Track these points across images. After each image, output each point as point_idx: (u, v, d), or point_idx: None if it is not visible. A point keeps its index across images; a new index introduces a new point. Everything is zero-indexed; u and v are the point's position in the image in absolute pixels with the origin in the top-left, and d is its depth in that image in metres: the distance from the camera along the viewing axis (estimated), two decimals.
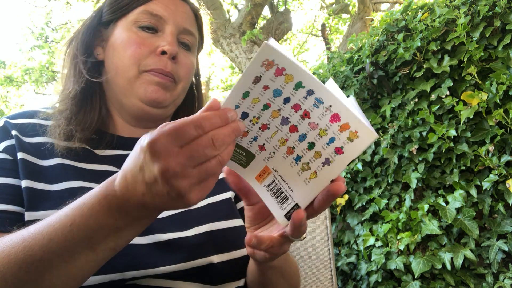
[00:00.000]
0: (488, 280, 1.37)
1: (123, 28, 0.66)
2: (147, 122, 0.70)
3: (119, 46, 0.65)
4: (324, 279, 0.93)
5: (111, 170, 0.63)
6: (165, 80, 0.66)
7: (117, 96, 0.68)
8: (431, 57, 1.62)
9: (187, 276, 0.57)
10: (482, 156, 1.41)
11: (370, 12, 4.43)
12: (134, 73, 0.65)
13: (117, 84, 0.66)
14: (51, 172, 0.60)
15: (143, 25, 0.66)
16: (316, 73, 2.24)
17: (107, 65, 0.68)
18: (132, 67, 0.64)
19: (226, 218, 0.64)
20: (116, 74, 0.66)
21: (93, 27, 0.69)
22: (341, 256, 1.76)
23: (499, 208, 1.38)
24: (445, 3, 1.62)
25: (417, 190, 1.65)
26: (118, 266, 0.53)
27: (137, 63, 0.64)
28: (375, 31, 1.95)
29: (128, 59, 0.64)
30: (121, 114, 0.70)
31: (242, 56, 4.95)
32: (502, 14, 1.43)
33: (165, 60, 0.66)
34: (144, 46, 0.65)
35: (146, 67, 0.65)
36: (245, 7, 5.04)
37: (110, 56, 0.67)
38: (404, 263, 1.49)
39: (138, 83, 0.65)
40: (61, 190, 0.58)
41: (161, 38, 0.67)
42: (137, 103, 0.66)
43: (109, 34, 0.68)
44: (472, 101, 1.45)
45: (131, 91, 0.65)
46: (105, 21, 0.69)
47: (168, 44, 0.65)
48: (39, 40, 7.25)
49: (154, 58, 0.65)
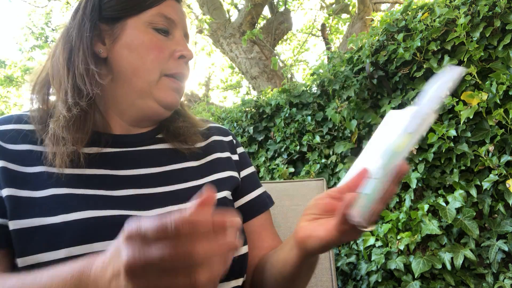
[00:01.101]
0: (488, 280, 1.37)
1: (138, 29, 0.65)
2: (148, 122, 0.71)
3: (139, 47, 0.64)
4: (324, 279, 0.93)
5: (100, 174, 0.61)
6: (180, 86, 0.69)
7: (127, 96, 0.66)
8: (431, 57, 1.62)
9: None
10: (482, 156, 1.41)
11: (370, 12, 4.43)
12: (156, 77, 0.65)
13: (134, 85, 0.65)
14: (36, 179, 0.58)
15: (159, 28, 0.66)
16: (316, 73, 2.24)
17: (119, 65, 0.65)
18: (155, 70, 0.65)
19: None
20: (135, 76, 0.65)
21: (92, 22, 0.65)
22: (341, 256, 1.76)
23: (499, 208, 1.38)
24: (445, 3, 1.62)
25: (417, 190, 1.65)
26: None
27: (159, 67, 0.65)
28: (375, 31, 1.95)
29: (151, 62, 0.64)
30: (122, 114, 0.69)
31: (242, 56, 4.95)
32: (502, 14, 1.43)
33: (183, 64, 0.68)
34: (165, 49, 0.66)
35: (167, 71, 0.66)
36: (245, 7, 5.04)
37: (125, 56, 0.65)
38: (404, 263, 1.49)
39: (158, 86, 0.66)
40: (47, 197, 0.56)
41: (174, 42, 0.68)
42: (153, 106, 0.66)
43: (118, 32, 0.65)
44: (472, 101, 1.45)
45: (149, 93, 0.65)
46: (110, 17, 0.66)
47: (186, 49, 0.68)
48: (39, 40, 7.26)
49: (174, 62, 0.67)
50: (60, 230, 0.53)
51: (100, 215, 0.55)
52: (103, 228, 0.54)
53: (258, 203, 0.78)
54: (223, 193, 0.69)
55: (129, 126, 0.70)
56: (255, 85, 4.95)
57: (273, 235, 0.79)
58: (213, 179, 0.70)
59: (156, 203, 0.61)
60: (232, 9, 6.40)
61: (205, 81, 9.94)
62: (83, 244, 0.52)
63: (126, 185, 0.62)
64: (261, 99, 2.54)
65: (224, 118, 2.84)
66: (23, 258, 0.52)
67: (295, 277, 0.62)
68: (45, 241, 0.52)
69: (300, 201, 1.04)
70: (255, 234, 0.76)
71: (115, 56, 0.65)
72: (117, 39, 0.65)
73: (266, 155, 2.34)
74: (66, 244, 0.52)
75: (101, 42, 0.66)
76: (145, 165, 0.67)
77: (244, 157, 0.82)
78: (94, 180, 0.60)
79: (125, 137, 0.69)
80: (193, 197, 0.37)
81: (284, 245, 0.64)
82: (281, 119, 2.28)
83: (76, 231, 0.53)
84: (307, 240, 0.53)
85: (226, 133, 0.83)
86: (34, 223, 0.53)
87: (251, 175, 0.80)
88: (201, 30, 5.38)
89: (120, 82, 0.66)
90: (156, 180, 0.65)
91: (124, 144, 0.68)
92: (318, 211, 0.54)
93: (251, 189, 0.78)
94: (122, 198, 0.60)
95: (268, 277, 0.68)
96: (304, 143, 2.11)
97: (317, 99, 2.20)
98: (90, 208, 0.55)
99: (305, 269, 0.60)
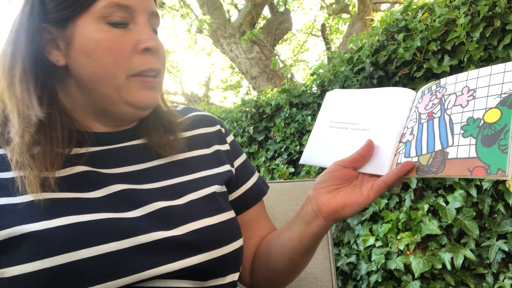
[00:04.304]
0: (488, 280, 1.37)
1: (90, 27, 0.56)
2: (127, 123, 0.67)
3: (95, 51, 0.56)
4: (324, 279, 0.93)
5: (81, 171, 0.57)
6: (154, 83, 0.61)
7: (97, 104, 0.61)
8: (431, 57, 1.62)
9: (175, 275, 0.55)
10: None
11: (370, 12, 4.43)
12: (122, 80, 0.57)
13: (101, 92, 0.58)
14: (12, 184, 0.54)
15: (114, 22, 0.57)
16: (316, 73, 2.24)
17: (80, 74, 0.58)
18: (118, 74, 0.57)
19: (212, 214, 0.61)
20: (98, 83, 0.57)
21: (35, 29, 0.57)
22: (341, 256, 1.76)
23: (499, 208, 1.38)
24: (445, 3, 1.62)
25: (417, 190, 1.65)
26: (99, 277, 0.50)
27: (122, 68, 0.57)
28: (375, 31, 1.95)
29: (112, 66, 0.56)
30: (99, 118, 0.64)
31: (242, 56, 4.95)
32: (502, 14, 1.43)
33: (150, 58, 0.60)
34: (124, 46, 0.57)
35: (133, 70, 0.58)
36: (245, 7, 5.05)
37: (83, 63, 0.57)
38: (404, 263, 1.49)
39: (127, 90, 0.58)
40: (28, 202, 0.52)
41: (136, 31, 0.59)
42: (127, 109, 0.60)
43: (70, 36, 0.57)
44: None
45: (119, 99, 0.59)
46: (58, 19, 0.57)
47: (150, 38, 0.59)
48: None
49: (138, 58, 0.58)
50: (43, 238, 0.49)
51: (84, 220, 0.52)
52: (89, 234, 0.51)
53: (255, 191, 0.77)
54: (213, 188, 0.65)
55: (106, 127, 0.65)
56: (255, 85, 4.96)
57: (269, 220, 0.79)
58: (201, 176, 0.67)
59: (142, 201, 0.58)
60: (232, 9, 6.40)
61: (205, 81, 9.95)
62: (69, 252, 0.49)
63: (110, 184, 0.58)
64: (261, 99, 2.55)
65: (224, 118, 2.84)
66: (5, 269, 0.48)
67: (311, 249, 0.64)
68: (28, 251, 0.49)
69: (300, 201, 1.04)
70: (254, 222, 0.76)
71: (73, 63, 0.58)
72: (71, 43, 0.57)
73: (266, 155, 2.34)
74: (50, 253, 0.49)
75: (56, 48, 0.58)
76: (129, 163, 0.63)
77: (234, 145, 0.78)
78: (76, 182, 0.56)
79: (106, 134, 0.64)
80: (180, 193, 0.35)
81: (292, 225, 0.66)
82: (281, 119, 2.28)
83: (61, 238, 0.50)
84: (342, 210, 0.57)
85: (213, 122, 0.76)
86: (16, 232, 0.49)
87: (244, 163, 0.78)
88: (201, 30, 5.38)
89: (86, 91, 0.60)
90: (141, 177, 0.62)
91: (105, 142, 0.63)
92: (337, 181, 0.59)
93: (246, 178, 0.76)
94: (106, 198, 0.56)
95: (277, 258, 0.68)
96: (304, 143, 2.11)
97: (317, 99, 2.21)
98: (74, 213, 0.52)
99: (321, 238, 0.64)
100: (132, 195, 0.59)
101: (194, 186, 0.64)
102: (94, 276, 0.49)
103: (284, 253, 0.66)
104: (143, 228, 0.55)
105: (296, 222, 0.64)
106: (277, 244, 0.68)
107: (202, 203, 0.62)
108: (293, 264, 0.67)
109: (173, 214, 0.59)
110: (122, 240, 0.52)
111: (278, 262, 0.68)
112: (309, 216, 0.61)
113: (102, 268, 0.50)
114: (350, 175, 0.59)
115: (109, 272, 0.50)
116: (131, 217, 0.56)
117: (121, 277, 0.51)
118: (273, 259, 0.69)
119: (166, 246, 0.55)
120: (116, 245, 0.52)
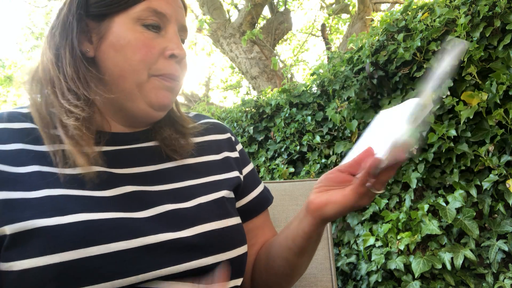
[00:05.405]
0: (488, 280, 1.37)
1: (125, 26, 0.60)
2: (142, 124, 0.69)
3: (125, 47, 0.60)
4: (324, 279, 0.93)
5: (96, 170, 0.59)
6: (173, 84, 0.64)
7: (117, 99, 0.63)
8: (431, 57, 1.62)
9: (180, 277, 0.56)
10: (482, 156, 1.41)
11: (370, 12, 4.43)
12: (144, 78, 0.61)
13: (122, 88, 0.61)
14: (29, 179, 0.55)
15: (148, 24, 0.61)
16: (316, 73, 2.24)
17: (106, 66, 0.62)
18: (142, 71, 0.60)
19: (219, 218, 0.63)
20: (122, 78, 0.61)
21: (77, 19, 0.61)
22: (341, 256, 1.76)
23: (499, 208, 1.38)
24: (445, 3, 1.62)
25: (417, 190, 1.65)
26: (106, 275, 0.50)
27: (147, 67, 0.61)
28: (375, 31, 1.95)
29: (138, 63, 0.60)
30: (115, 116, 0.66)
31: (242, 56, 4.95)
32: (502, 14, 1.43)
33: (174, 64, 0.63)
34: (153, 48, 0.61)
35: (156, 71, 0.62)
36: (245, 7, 5.05)
37: (111, 57, 0.61)
38: (404, 263, 1.49)
39: (147, 88, 0.62)
40: (42, 198, 0.54)
41: (166, 38, 0.63)
42: (144, 108, 0.63)
43: (104, 30, 0.61)
44: (472, 101, 1.45)
45: (139, 96, 0.62)
46: (97, 14, 0.61)
47: (177, 47, 0.63)
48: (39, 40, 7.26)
49: (164, 62, 0.62)
50: (55, 233, 0.51)
51: (95, 218, 0.53)
52: (99, 232, 0.52)
53: (261, 200, 0.78)
54: (221, 192, 0.67)
55: (123, 126, 0.67)
56: (255, 85, 4.96)
57: (272, 228, 0.80)
58: (210, 180, 0.69)
59: (152, 202, 0.60)
60: (232, 9, 6.40)
61: (205, 81, 9.95)
62: (79, 249, 0.50)
63: (122, 184, 0.60)
64: (261, 99, 2.55)
65: (224, 118, 2.84)
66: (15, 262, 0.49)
67: (304, 250, 0.65)
68: (39, 245, 0.50)
69: (300, 201, 1.04)
70: (258, 229, 0.77)
71: (102, 56, 0.61)
72: (104, 38, 0.61)
73: (266, 155, 2.34)
74: (61, 249, 0.50)
75: (88, 40, 0.62)
76: (141, 164, 0.65)
77: (243, 154, 0.80)
78: (90, 180, 0.58)
79: (121, 135, 0.66)
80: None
81: (290, 224, 0.67)
82: (281, 119, 2.28)
83: (71, 235, 0.51)
84: (324, 207, 0.58)
85: (223, 130, 0.79)
86: (28, 226, 0.51)
87: (252, 172, 0.80)
88: (201, 30, 5.38)
89: (109, 85, 0.62)
90: (152, 179, 0.64)
91: (120, 142, 0.65)
92: (330, 183, 0.60)
93: (253, 187, 0.78)
94: (117, 198, 0.58)
95: (274, 259, 0.69)
96: (304, 143, 2.11)
97: (317, 99, 2.21)
98: (85, 210, 0.54)
99: (314, 239, 0.64)
100: (142, 196, 0.60)
101: (203, 190, 0.65)
102: (102, 274, 0.50)
103: (280, 252, 0.68)
104: (152, 229, 0.56)
105: (293, 221, 0.66)
106: (275, 245, 0.70)
107: (211, 207, 0.64)
108: (289, 264, 0.68)
109: (182, 216, 0.60)
110: (130, 239, 0.53)
111: (275, 263, 0.69)
112: (301, 214, 0.63)
113: (110, 266, 0.51)
114: (344, 179, 0.59)
115: (116, 270, 0.51)
116: (140, 217, 0.56)
117: (128, 276, 0.52)
118: (271, 260, 0.70)
119: (174, 247, 0.56)
120: (124, 245, 0.53)
